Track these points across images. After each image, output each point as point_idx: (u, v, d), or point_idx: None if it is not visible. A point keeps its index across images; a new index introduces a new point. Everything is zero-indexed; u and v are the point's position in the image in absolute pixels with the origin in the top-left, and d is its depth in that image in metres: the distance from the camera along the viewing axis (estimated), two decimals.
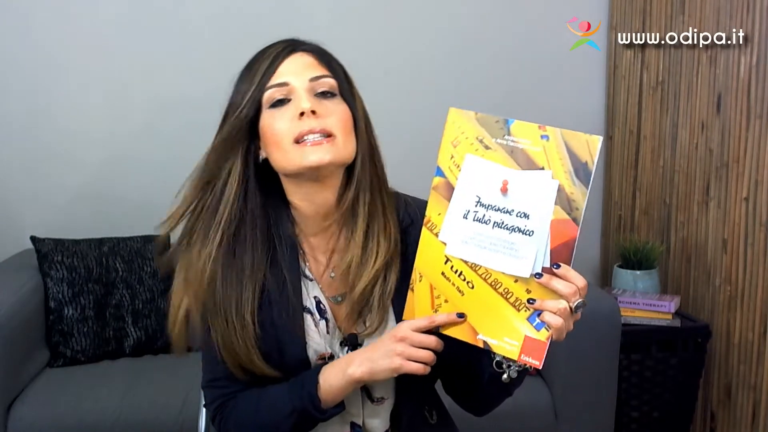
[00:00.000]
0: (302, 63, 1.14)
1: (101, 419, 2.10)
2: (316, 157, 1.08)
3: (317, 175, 1.11)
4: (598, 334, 2.21)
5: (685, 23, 2.53)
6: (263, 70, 1.13)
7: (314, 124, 1.09)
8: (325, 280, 1.18)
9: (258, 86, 1.12)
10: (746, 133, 2.27)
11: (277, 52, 1.14)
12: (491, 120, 1.03)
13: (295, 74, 1.12)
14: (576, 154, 0.99)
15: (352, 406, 1.17)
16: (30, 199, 2.77)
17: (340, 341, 1.16)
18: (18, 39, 2.71)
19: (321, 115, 1.10)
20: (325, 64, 1.14)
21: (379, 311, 1.13)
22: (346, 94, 1.15)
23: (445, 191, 1.04)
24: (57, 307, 2.36)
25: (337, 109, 1.12)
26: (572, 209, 0.98)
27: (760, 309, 2.24)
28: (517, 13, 2.91)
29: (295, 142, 1.09)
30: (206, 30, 2.78)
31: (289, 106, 1.11)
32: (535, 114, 3.08)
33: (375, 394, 1.18)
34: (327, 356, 1.15)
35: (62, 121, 2.76)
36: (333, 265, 1.18)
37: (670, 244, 2.69)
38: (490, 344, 1.02)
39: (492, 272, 1.01)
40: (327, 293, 1.18)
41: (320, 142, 1.08)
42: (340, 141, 1.10)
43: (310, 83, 1.12)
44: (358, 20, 2.78)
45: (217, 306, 1.12)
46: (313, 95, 1.12)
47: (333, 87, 1.13)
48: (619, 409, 2.35)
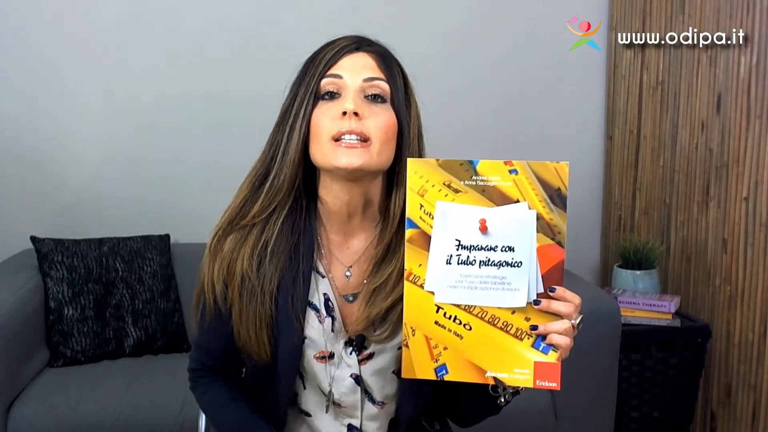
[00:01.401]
0: (362, 62, 1.14)
1: (101, 419, 2.10)
2: (347, 160, 1.08)
3: (349, 176, 1.12)
4: (598, 334, 2.21)
5: (685, 23, 2.53)
6: (326, 61, 1.13)
7: (354, 126, 1.09)
8: (340, 278, 1.18)
9: (319, 75, 1.13)
10: (746, 133, 2.27)
11: (342, 46, 1.14)
12: (455, 164, 1.03)
13: (351, 70, 1.13)
14: (547, 182, 1.01)
15: (351, 407, 1.17)
16: (30, 199, 2.77)
17: (344, 341, 1.16)
18: (18, 39, 2.71)
19: (363, 117, 1.10)
20: (384, 68, 1.14)
21: (394, 324, 1.13)
22: (398, 102, 1.14)
23: (421, 242, 1.03)
24: (57, 307, 2.36)
25: (383, 115, 1.12)
26: (555, 234, 1.01)
27: (760, 309, 2.24)
28: (517, 13, 2.91)
29: (333, 140, 1.09)
30: (206, 30, 2.78)
31: (337, 102, 1.12)
32: (535, 114, 3.12)
33: (377, 398, 1.18)
34: (327, 354, 1.15)
35: (63, 121, 2.76)
36: (351, 264, 1.18)
37: (670, 244, 2.69)
38: (501, 379, 1.02)
39: (488, 309, 1.02)
40: (340, 291, 1.17)
41: (355, 146, 1.09)
42: (376, 148, 1.10)
43: (363, 83, 1.12)
44: (357, 20, 2.75)
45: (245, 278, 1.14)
46: (363, 96, 1.12)
47: (385, 92, 1.13)
48: (619, 409, 2.35)
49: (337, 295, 1.17)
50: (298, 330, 1.14)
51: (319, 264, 1.18)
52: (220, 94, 2.70)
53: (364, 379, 1.16)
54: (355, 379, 1.16)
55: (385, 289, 1.13)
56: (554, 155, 3.03)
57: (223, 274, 1.15)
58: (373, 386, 1.17)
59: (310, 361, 1.16)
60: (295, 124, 1.13)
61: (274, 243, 1.14)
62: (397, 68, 1.17)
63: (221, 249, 1.15)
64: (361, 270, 1.17)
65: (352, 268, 1.18)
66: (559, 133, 2.98)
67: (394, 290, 1.12)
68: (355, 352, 1.15)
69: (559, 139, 2.99)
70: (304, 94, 1.13)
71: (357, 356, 1.16)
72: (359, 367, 1.16)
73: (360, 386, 1.16)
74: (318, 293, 1.17)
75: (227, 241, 1.16)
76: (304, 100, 1.12)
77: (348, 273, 1.18)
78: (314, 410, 1.19)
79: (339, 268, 1.18)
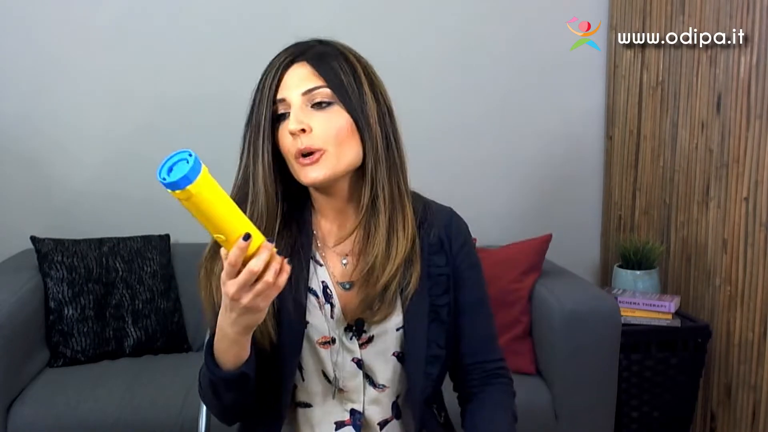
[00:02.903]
0: (298, 75, 1.14)
1: (101, 419, 2.10)
2: (312, 175, 1.12)
3: (322, 188, 1.16)
4: (598, 334, 2.21)
5: (685, 23, 2.53)
6: (269, 84, 1.15)
7: (305, 143, 1.11)
8: (336, 265, 1.21)
9: (268, 102, 1.14)
10: (746, 133, 2.27)
11: (278, 65, 1.15)
12: None
13: (291, 88, 1.14)
14: None
15: (353, 392, 1.19)
16: (30, 199, 2.77)
17: (344, 327, 1.18)
18: (18, 39, 2.71)
19: (311, 130, 1.12)
20: (321, 73, 1.14)
21: (390, 303, 1.16)
22: (347, 98, 1.14)
23: None
24: (57, 307, 2.36)
25: (331, 120, 1.12)
26: None
27: (760, 309, 2.24)
28: (517, 13, 2.91)
29: (295, 159, 1.13)
30: (206, 30, 2.78)
31: (288, 121, 1.13)
32: (535, 114, 3.12)
33: (378, 381, 1.20)
34: (329, 340, 1.18)
35: (63, 121, 2.76)
36: (347, 253, 1.21)
37: (670, 244, 2.69)
38: None
39: None
40: (337, 279, 1.20)
41: (314, 160, 1.11)
42: (333, 154, 1.12)
43: (303, 97, 1.13)
44: (357, 20, 2.78)
45: None
46: (309, 107, 1.13)
47: (327, 96, 1.13)
48: (619, 409, 2.35)
49: (335, 283, 1.20)
50: (300, 315, 1.16)
51: (317, 253, 1.21)
52: (220, 94, 2.69)
53: (365, 362, 1.19)
54: (357, 363, 1.19)
55: (374, 273, 1.16)
56: (554, 155, 3.06)
57: None
58: (374, 369, 1.19)
59: (314, 347, 1.18)
60: (258, 150, 1.14)
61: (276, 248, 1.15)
62: (340, 64, 1.15)
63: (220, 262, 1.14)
64: (356, 257, 1.20)
65: (348, 256, 1.21)
66: (559, 133, 2.99)
67: (384, 272, 1.15)
68: (355, 336, 1.18)
69: (559, 139, 2.99)
70: (258, 119, 1.14)
71: (357, 340, 1.18)
72: (360, 351, 1.18)
73: (361, 370, 1.19)
74: (317, 281, 1.19)
75: None
76: (261, 125, 1.14)
77: (345, 261, 1.21)
78: (315, 399, 1.21)
79: (335, 257, 1.22)
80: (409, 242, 1.17)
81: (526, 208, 2.99)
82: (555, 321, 2.22)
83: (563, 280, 2.45)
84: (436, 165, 2.75)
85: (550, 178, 3.00)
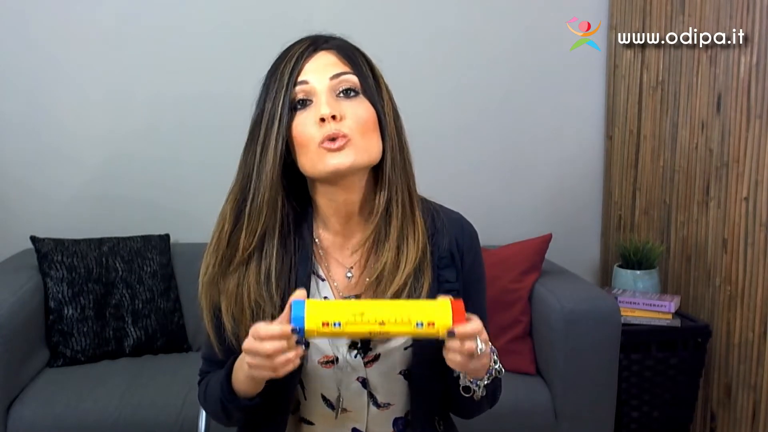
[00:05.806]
0: (323, 61, 1.11)
1: (101, 419, 2.10)
2: (337, 162, 1.07)
3: (340, 178, 1.10)
4: (598, 334, 2.21)
5: (685, 23, 2.53)
6: (289, 71, 1.11)
7: (334, 129, 1.07)
8: (341, 279, 1.17)
9: (286, 90, 1.10)
10: (746, 133, 2.27)
11: (300, 52, 1.12)
12: None
13: (316, 73, 1.10)
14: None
15: (357, 411, 1.16)
16: (30, 199, 2.77)
17: (348, 344, 1.14)
18: (18, 39, 2.71)
19: (341, 117, 1.08)
20: (347, 61, 1.12)
21: None
22: (371, 91, 1.12)
23: None
24: (57, 307, 2.36)
25: (359, 109, 1.10)
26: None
27: (760, 309, 2.24)
28: (517, 13, 2.91)
29: (320, 146, 1.08)
30: (206, 30, 2.78)
31: (311, 108, 1.10)
32: (535, 114, 3.11)
33: (380, 400, 1.17)
34: (333, 359, 1.14)
35: (62, 121, 2.76)
36: (352, 265, 1.17)
37: (670, 244, 2.69)
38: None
39: None
40: (342, 293, 1.16)
41: (340, 147, 1.07)
42: (360, 144, 1.08)
43: (331, 81, 1.10)
44: (357, 20, 2.77)
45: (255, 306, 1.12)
46: (335, 95, 1.10)
47: (355, 85, 1.11)
48: (619, 409, 2.35)
49: (339, 297, 1.15)
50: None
51: (319, 267, 1.17)
52: (220, 94, 2.69)
53: (370, 381, 1.15)
54: (362, 382, 1.15)
55: (382, 283, 1.11)
56: (554, 155, 3.05)
57: (232, 312, 1.12)
58: (378, 388, 1.16)
59: (315, 367, 1.14)
60: (269, 141, 1.09)
61: (276, 266, 1.12)
62: (360, 56, 1.15)
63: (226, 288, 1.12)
64: (362, 270, 1.16)
65: (353, 269, 1.17)
66: (559, 133, 2.99)
67: (392, 281, 1.11)
68: (360, 354, 1.14)
69: (559, 139, 2.99)
70: (274, 109, 1.10)
71: (362, 359, 1.14)
72: (365, 369, 1.14)
73: (366, 389, 1.15)
74: (319, 297, 1.15)
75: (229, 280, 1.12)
76: (277, 114, 1.09)
77: (349, 274, 1.17)
78: (318, 419, 1.18)
79: (340, 270, 1.17)
80: (420, 251, 1.13)
81: (525, 207, 2.99)
82: (555, 321, 2.22)
83: (563, 279, 2.45)
84: (435, 165, 2.74)
85: (549, 178, 3.00)
